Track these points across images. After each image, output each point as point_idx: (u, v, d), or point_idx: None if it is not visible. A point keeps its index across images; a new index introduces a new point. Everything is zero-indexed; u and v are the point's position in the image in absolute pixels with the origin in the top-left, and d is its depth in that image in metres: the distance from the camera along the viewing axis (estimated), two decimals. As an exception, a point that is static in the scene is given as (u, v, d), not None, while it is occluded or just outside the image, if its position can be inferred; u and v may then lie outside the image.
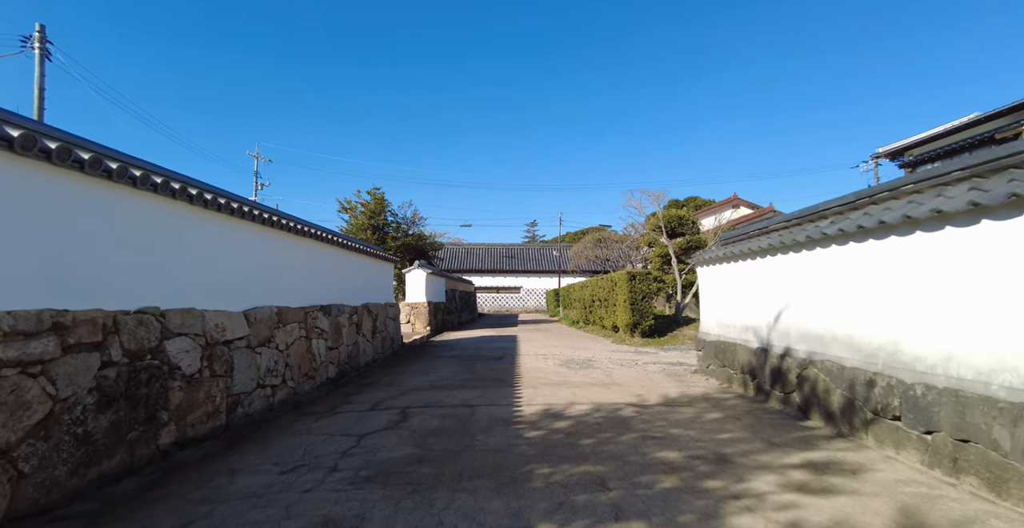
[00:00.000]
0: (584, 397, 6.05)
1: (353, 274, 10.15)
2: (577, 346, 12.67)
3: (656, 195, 14.67)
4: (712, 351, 7.22)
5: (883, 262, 3.78)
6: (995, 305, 2.89)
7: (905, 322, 3.55)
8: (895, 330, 3.64)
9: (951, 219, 3.19)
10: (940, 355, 3.25)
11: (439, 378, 7.80)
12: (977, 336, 3.00)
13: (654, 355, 10.62)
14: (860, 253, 4.06)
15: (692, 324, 13.62)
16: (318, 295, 8.13)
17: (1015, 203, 2.77)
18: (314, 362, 7.56)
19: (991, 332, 2.90)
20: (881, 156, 19.86)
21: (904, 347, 3.55)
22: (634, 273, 12.89)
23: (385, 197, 20.21)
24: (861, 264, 4.05)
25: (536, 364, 9.30)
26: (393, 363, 10.20)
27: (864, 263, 4.01)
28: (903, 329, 3.57)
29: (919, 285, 3.45)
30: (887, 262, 3.74)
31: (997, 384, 2.84)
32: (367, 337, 10.49)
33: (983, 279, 2.97)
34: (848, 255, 4.21)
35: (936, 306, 3.30)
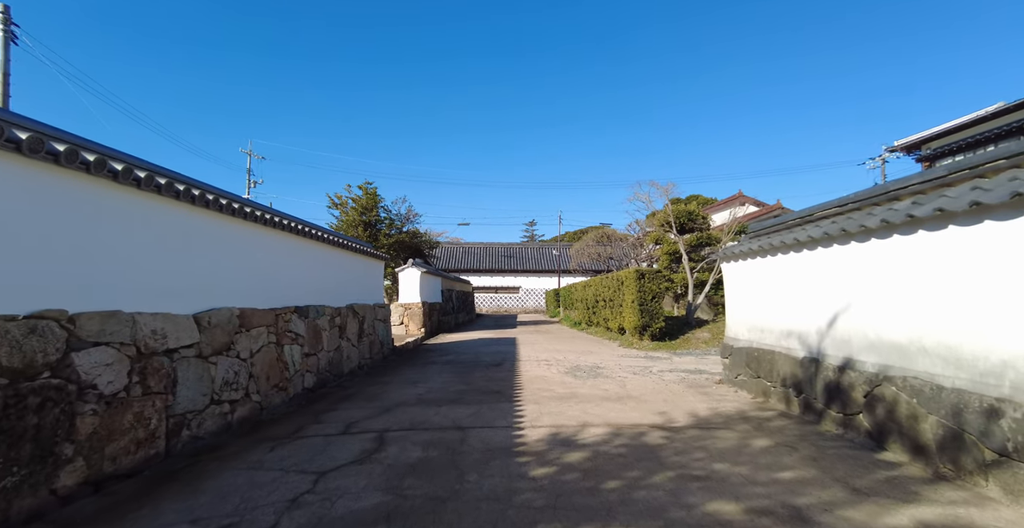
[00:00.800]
0: (598, 416, 5.10)
1: (336, 272, 9.20)
2: (582, 350, 11.72)
3: (665, 188, 13.76)
4: (742, 359, 6.28)
5: (1013, 250, 2.84)
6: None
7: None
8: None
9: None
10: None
11: (429, 390, 6.84)
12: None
13: (667, 361, 9.68)
14: (966, 239, 3.12)
15: (705, 326, 12.68)
16: (293, 295, 7.18)
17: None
18: (286, 371, 6.62)
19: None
20: (897, 150, 18.94)
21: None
22: (643, 271, 11.95)
23: (378, 192, 19.25)
24: (970, 254, 3.10)
25: (538, 372, 8.36)
26: (381, 370, 9.24)
27: (977, 252, 3.06)
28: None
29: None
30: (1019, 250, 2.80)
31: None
32: (352, 341, 9.55)
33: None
34: (947, 242, 3.27)
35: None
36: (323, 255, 8.48)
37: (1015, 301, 2.77)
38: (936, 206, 3.21)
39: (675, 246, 15.43)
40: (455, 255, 42.59)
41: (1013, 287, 2.79)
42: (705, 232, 15.20)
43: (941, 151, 17.28)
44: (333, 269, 9.03)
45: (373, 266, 11.60)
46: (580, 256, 23.62)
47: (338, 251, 9.23)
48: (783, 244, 5.22)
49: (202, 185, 5.12)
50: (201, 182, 5.16)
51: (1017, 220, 2.78)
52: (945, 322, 3.25)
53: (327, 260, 8.66)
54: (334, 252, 9.01)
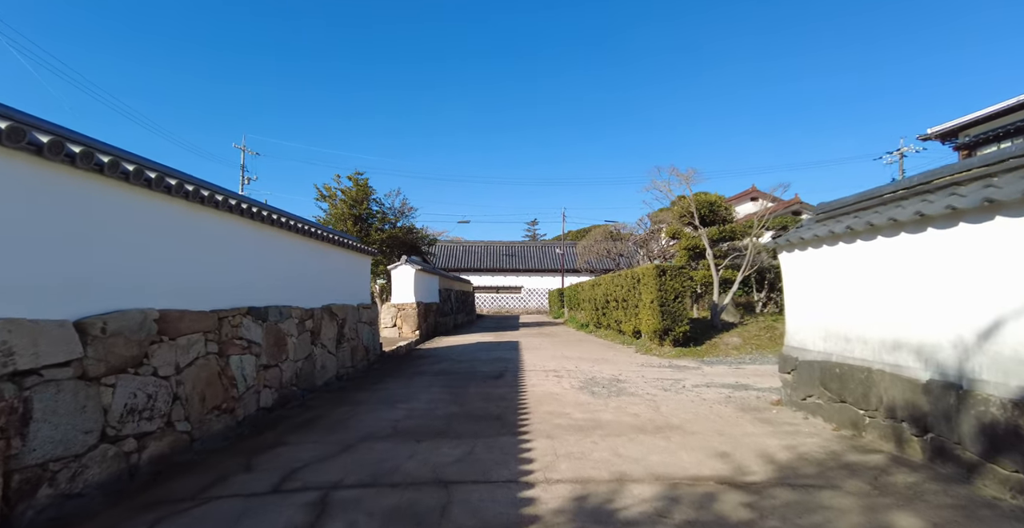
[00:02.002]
0: (637, 460, 3.66)
1: (309, 268, 7.79)
2: (595, 357, 10.27)
3: (685, 175, 12.30)
4: (813, 376, 4.82)
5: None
6: None
7: None
8: None
9: None
10: None
11: (410, 413, 5.40)
12: None
13: (698, 372, 8.23)
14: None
15: (733, 330, 11.22)
16: (247, 294, 5.80)
17: None
18: (232, 389, 5.23)
19: None
20: (931, 137, 17.43)
21: None
22: (664, 267, 10.49)
23: (370, 184, 17.82)
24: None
25: (548, 387, 6.91)
26: (360, 383, 7.81)
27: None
28: None
29: None
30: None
31: None
32: (328, 348, 8.14)
33: None
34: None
35: None
36: (291, 247, 7.07)
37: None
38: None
39: (695, 241, 13.97)
40: (455, 254, 41.19)
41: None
42: (728, 225, 13.74)
43: (983, 138, 15.82)
44: (305, 264, 7.62)
45: (357, 262, 10.18)
46: (587, 253, 22.15)
47: (312, 243, 7.81)
48: (891, 223, 3.76)
49: (94, 142, 3.69)
50: (99, 142, 3.75)
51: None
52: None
53: (296, 253, 7.25)
54: (306, 244, 7.59)
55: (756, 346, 10.16)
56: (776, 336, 10.49)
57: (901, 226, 3.75)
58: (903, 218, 3.63)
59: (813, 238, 4.77)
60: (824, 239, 4.66)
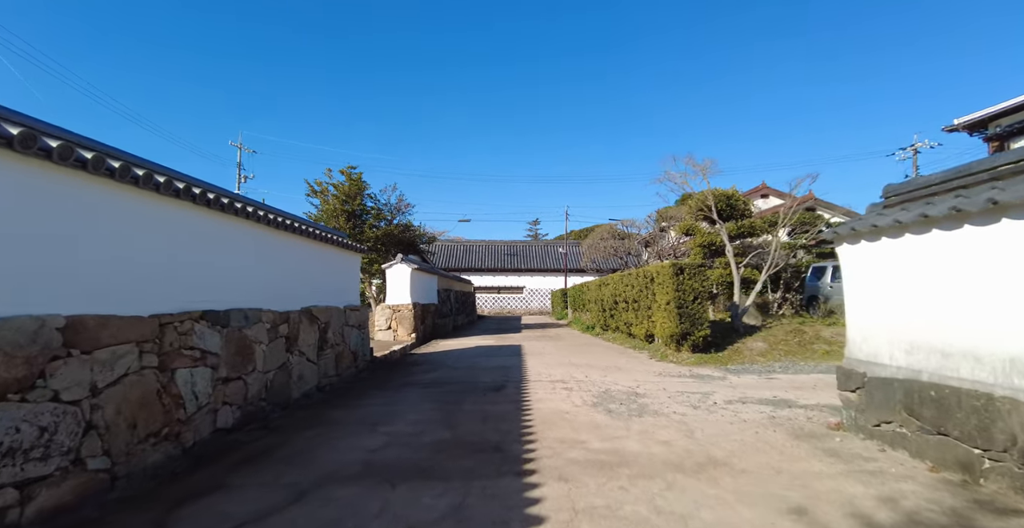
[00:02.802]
0: (687, 525, 2.69)
1: (285, 265, 6.86)
2: (605, 364, 9.30)
3: (702, 166, 11.32)
4: (892, 397, 3.85)
5: None
6: None
7: None
8: None
9: None
10: None
11: (391, 440, 4.43)
12: None
13: (724, 382, 7.25)
14: None
15: (756, 334, 10.23)
16: (201, 294, 4.87)
17: None
18: (178, 410, 4.31)
19: None
20: (957, 128, 16.41)
21: None
22: (682, 265, 9.51)
23: (364, 178, 16.86)
24: None
25: (556, 402, 5.94)
26: (341, 395, 6.86)
27: None
28: None
29: None
30: None
31: None
32: (307, 355, 7.20)
33: None
34: None
35: None
36: (262, 242, 6.14)
37: None
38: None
39: (711, 237, 12.99)
40: (455, 253, 40.24)
41: None
42: (747, 220, 12.75)
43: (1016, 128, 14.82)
44: (280, 261, 6.68)
45: (344, 260, 9.23)
46: (592, 252, 21.15)
47: (289, 238, 6.86)
48: (997, 205, 2.78)
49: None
50: None
51: None
52: None
53: (269, 249, 6.32)
54: (281, 239, 6.65)
55: (784, 352, 9.18)
56: (805, 341, 9.51)
57: None
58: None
59: (893, 225, 3.79)
60: (909, 226, 3.68)
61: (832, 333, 9.62)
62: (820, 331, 9.80)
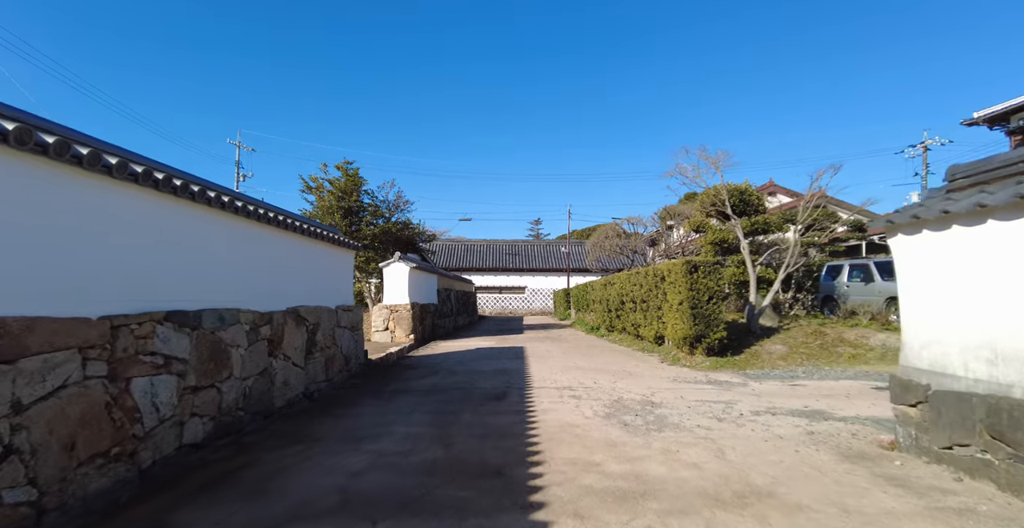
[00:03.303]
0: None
1: (269, 262, 6.30)
2: (615, 369, 8.69)
3: (715, 159, 10.71)
4: (969, 416, 3.24)
5: None
6: None
7: None
8: None
9: None
10: None
11: (376, 461, 3.84)
12: None
13: (746, 389, 6.64)
14: None
15: (774, 336, 9.62)
16: (166, 293, 4.31)
17: None
18: (133, 425, 3.76)
19: None
20: (977, 122, 15.77)
21: None
22: (696, 262, 8.91)
23: (361, 174, 16.28)
24: None
25: (564, 413, 5.34)
26: (329, 404, 6.27)
27: None
28: None
29: None
30: None
31: None
32: (293, 360, 6.64)
33: None
34: None
35: None
36: (242, 236, 5.57)
37: None
38: None
39: (723, 234, 12.38)
40: (456, 253, 39.68)
41: None
42: (761, 216, 12.12)
43: (1040, 120, 14.20)
44: (263, 258, 6.12)
45: (336, 256, 8.65)
46: (598, 250, 20.52)
47: (272, 232, 6.30)
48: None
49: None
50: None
51: None
52: None
53: (250, 244, 5.75)
54: (264, 233, 6.08)
55: (806, 356, 8.57)
56: (828, 344, 8.90)
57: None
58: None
59: (973, 210, 3.18)
60: (996, 210, 3.07)
61: (856, 335, 9.01)
62: (843, 333, 9.19)
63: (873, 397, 5.87)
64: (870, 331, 9.07)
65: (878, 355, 8.19)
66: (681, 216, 17.22)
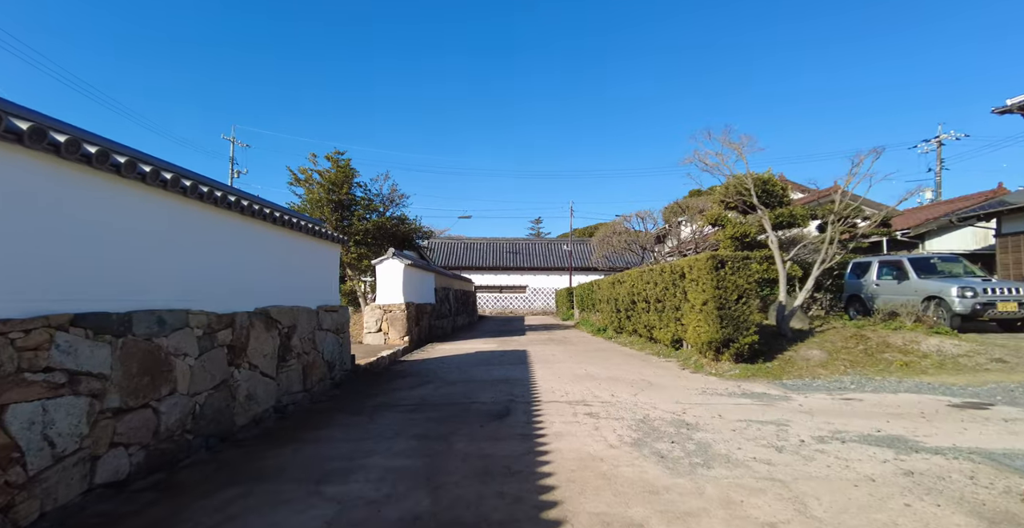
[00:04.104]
0: None
1: (230, 255, 5.33)
2: (632, 377, 7.68)
3: (738, 144, 9.69)
4: None
5: None
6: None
7: None
8: None
9: None
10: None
11: (334, 519, 2.83)
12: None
13: (792, 405, 5.63)
14: None
15: (808, 340, 8.60)
16: (69, 289, 3.33)
17: None
18: (10, 468, 2.72)
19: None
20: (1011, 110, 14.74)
21: None
22: (723, 257, 7.89)
23: (352, 165, 15.27)
24: None
25: (582, 440, 4.32)
26: (296, 424, 5.25)
27: None
28: None
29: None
30: None
31: None
32: (261, 369, 5.67)
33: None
34: None
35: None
36: (193, 224, 4.60)
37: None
38: None
39: (744, 227, 11.37)
40: (455, 251, 38.67)
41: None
42: (786, 208, 11.11)
43: (1079, 107, 13.25)
44: (219, 248, 5.14)
45: (317, 251, 7.64)
46: (605, 246, 19.48)
47: (233, 219, 5.31)
48: None
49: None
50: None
51: None
52: None
53: (202, 233, 4.78)
54: (220, 219, 5.09)
55: (849, 363, 7.55)
56: (872, 350, 7.88)
57: None
58: None
59: None
60: None
61: (903, 340, 7.99)
62: (887, 337, 8.17)
63: (957, 418, 4.85)
64: (918, 335, 8.06)
65: (934, 363, 7.18)
66: (694, 210, 16.21)
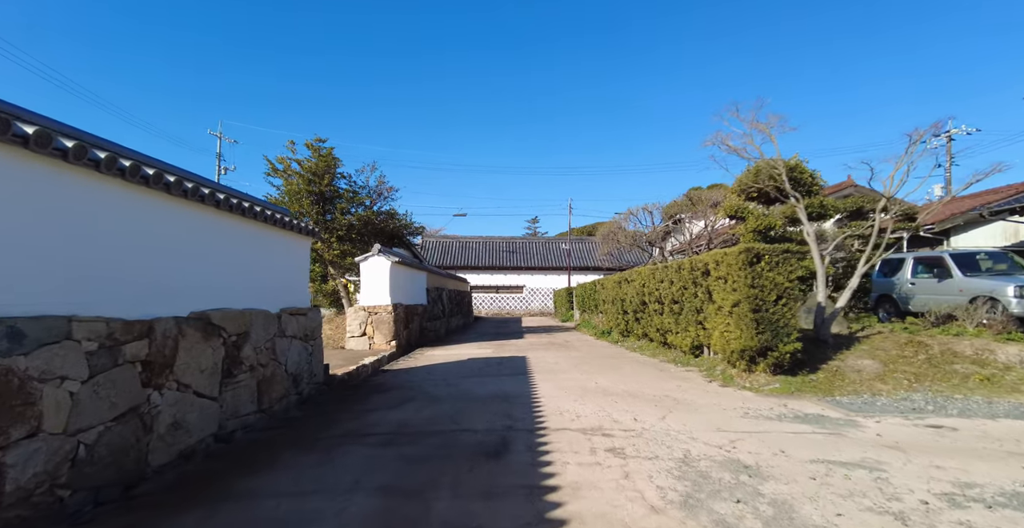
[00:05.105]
0: None
1: (148, 244, 4.04)
2: (653, 392, 6.45)
3: (765, 125, 8.49)
4: None
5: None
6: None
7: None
8: None
9: None
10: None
11: None
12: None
13: (866, 435, 4.42)
14: None
15: (853, 347, 7.41)
16: None
17: None
18: None
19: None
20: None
21: None
22: (759, 250, 6.70)
23: (335, 154, 13.98)
24: None
25: (609, 498, 3.08)
26: (230, 464, 3.95)
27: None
28: None
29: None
30: None
31: None
32: (197, 388, 4.42)
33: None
34: None
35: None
36: (73, 198, 3.30)
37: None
38: None
39: (767, 220, 10.19)
40: (450, 250, 37.40)
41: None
42: (817, 198, 9.93)
43: None
44: (130, 236, 3.87)
45: (280, 244, 6.38)
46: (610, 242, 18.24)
47: (153, 198, 4.05)
48: None
49: None
50: None
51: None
52: None
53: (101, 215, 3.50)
54: (131, 195, 3.83)
55: (913, 376, 6.35)
56: (936, 360, 6.67)
57: None
58: None
59: None
60: None
61: (973, 349, 6.78)
62: (951, 345, 6.97)
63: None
64: (989, 342, 6.85)
65: (1022, 378, 5.99)
66: (706, 202, 15.01)
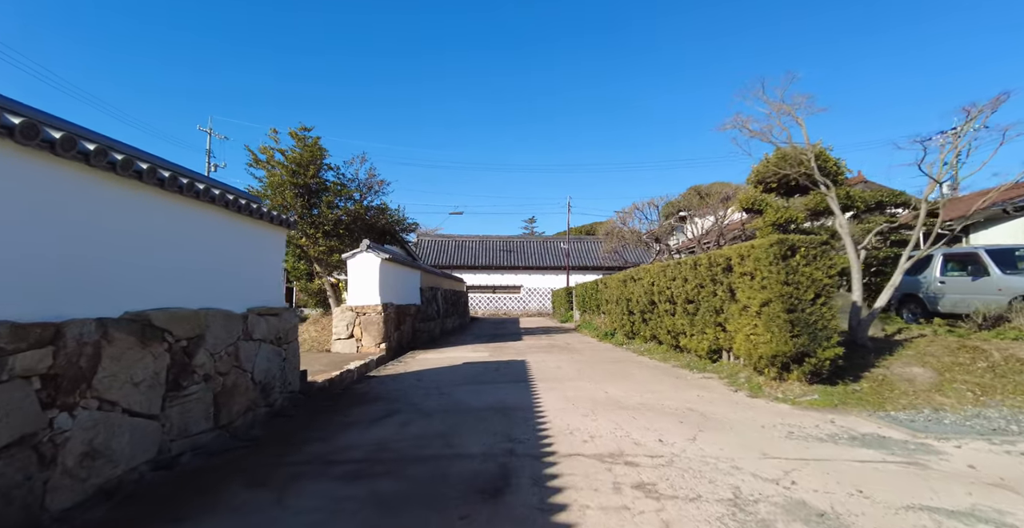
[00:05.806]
0: None
1: (59, 228, 3.09)
2: (675, 405, 5.59)
3: (791, 107, 7.65)
4: None
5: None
6: None
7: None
8: None
9: None
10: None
11: None
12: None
13: (949, 463, 3.57)
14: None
15: (897, 352, 6.57)
16: None
17: None
18: None
19: None
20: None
21: None
22: (793, 242, 5.86)
23: (321, 143, 13.07)
24: None
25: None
26: (169, 499, 3.00)
27: None
28: None
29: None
30: None
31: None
32: (128, 405, 3.47)
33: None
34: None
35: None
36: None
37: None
38: None
39: (787, 213, 9.34)
40: (446, 249, 36.50)
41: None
42: (843, 189, 9.10)
43: None
44: (35, 217, 2.92)
45: (246, 235, 5.47)
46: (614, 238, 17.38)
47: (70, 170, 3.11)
48: None
49: None
50: None
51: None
52: None
53: None
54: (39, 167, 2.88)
55: (978, 387, 5.50)
56: (1001, 369, 5.81)
57: None
58: None
59: None
60: None
61: (1038, 353, 5.94)
62: (1013, 351, 6.11)
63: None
64: (1054, 346, 6.02)
65: (1108, 389, 5.15)
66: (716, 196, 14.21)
